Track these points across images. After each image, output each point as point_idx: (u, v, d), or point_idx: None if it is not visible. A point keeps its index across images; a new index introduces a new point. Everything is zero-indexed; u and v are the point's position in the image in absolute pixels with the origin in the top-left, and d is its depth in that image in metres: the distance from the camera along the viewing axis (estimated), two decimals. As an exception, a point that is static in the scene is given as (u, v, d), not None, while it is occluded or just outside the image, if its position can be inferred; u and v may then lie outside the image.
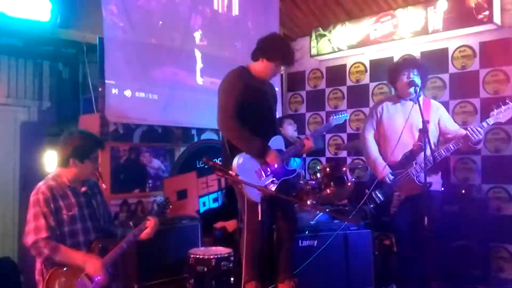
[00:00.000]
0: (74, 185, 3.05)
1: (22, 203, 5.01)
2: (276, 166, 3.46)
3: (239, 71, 3.61)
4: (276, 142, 3.59)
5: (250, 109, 3.47)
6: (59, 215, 2.93)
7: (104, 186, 3.39)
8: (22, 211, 4.71)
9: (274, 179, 3.49)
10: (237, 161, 3.39)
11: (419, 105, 3.46)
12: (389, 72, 3.92)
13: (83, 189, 3.10)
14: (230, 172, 3.17)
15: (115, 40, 4.81)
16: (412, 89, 3.65)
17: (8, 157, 5.27)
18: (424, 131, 3.36)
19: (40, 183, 2.99)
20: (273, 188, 3.46)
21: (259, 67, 3.60)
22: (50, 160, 4.59)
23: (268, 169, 3.49)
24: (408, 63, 3.84)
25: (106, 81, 4.72)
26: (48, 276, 2.83)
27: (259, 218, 3.23)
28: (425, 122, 3.38)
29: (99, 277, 2.90)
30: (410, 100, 3.73)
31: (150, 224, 3.14)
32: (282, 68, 3.89)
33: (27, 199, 2.97)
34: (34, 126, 5.38)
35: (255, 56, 3.64)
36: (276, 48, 3.58)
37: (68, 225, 2.96)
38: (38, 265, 2.93)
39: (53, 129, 5.09)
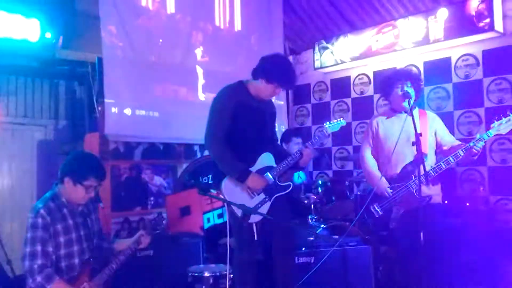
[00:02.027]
0: (71, 205, 3.05)
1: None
2: (259, 189, 3.35)
3: (235, 88, 3.48)
4: (264, 160, 3.46)
5: (241, 128, 3.37)
6: (56, 238, 2.93)
7: (101, 205, 3.40)
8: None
9: (267, 197, 3.40)
10: (226, 181, 3.32)
11: (413, 117, 3.39)
12: (382, 85, 3.84)
13: (80, 208, 3.10)
14: (221, 195, 3.16)
15: (114, 60, 4.88)
16: (406, 102, 3.57)
17: (25, 175, 5.38)
18: (417, 144, 3.29)
19: (39, 204, 2.95)
20: (266, 206, 3.38)
21: (258, 86, 3.45)
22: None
23: None
24: (400, 75, 3.75)
25: (106, 100, 4.78)
26: None
27: (255, 238, 3.21)
28: (417, 135, 3.30)
29: None
30: (405, 112, 3.65)
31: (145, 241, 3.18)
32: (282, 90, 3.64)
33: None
34: (51, 145, 5.50)
35: (255, 75, 3.47)
36: (278, 71, 3.40)
37: (64, 248, 2.97)
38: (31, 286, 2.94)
39: (66, 147, 5.22)
